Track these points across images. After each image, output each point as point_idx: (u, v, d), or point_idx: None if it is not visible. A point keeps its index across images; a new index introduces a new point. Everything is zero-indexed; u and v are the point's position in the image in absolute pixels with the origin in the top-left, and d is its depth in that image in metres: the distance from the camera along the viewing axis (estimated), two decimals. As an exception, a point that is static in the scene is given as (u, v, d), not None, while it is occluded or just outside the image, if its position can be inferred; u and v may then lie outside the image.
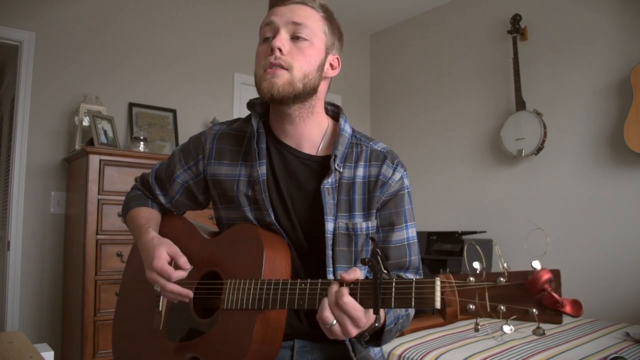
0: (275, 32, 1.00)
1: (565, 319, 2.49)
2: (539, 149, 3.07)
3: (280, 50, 0.98)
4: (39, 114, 2.84)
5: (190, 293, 1.02)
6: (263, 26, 1.04)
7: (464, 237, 3.20)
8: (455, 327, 2.37)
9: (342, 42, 1.11)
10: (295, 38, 1.00)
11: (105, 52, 3.06)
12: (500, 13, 3.40)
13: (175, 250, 1.03)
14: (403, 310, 1.01)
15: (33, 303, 2.76)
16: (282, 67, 0.98)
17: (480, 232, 3.27)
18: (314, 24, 1.02)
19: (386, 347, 1.95)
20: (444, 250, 3.19)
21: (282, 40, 0.99)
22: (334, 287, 0.83)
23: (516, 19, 3.22)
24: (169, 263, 1.02)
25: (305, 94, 1.02)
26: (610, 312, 2.68)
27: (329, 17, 1.06)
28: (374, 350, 1.12)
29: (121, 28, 3.14)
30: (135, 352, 1.16)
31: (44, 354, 1.23)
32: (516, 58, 3.19)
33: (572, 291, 1.09)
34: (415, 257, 1.10)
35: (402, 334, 2.14)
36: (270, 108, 1.11)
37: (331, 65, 1.07)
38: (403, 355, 1.97)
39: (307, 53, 1.00)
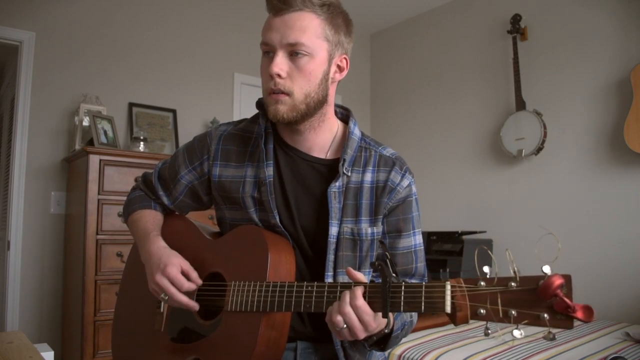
0: (273, 50, 0.97)
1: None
2: (539, 149, 3.07)
3: (279, 75, 0.96)
4: (39, 114, 2.83)
5: (197, 306, 1.01)
6: (262, 41, 0.99)
7: (464, 237, 3.20)
8: (455, 327, 2.36)
9: (350, 31, 1.04)
10: (294, 54, 0.96)
11: (105, 52, 3.06)
12: (500, 13, 3.40)
13: (189, 266, 1.03)
14: (408, 316, 1.01)
15: (33, 303, 2.76)
16: (283, 93, 0.97)
17: (480, 232, 3.27)
18: (311, 35, 0.96)
19: (386, 347, 1.95)
20: (444, 250, 3.19)
21: (279, 65, 0.96)
22: (347, 291, 0.83)
23: (516, 19, 3.22)
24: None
25: (312, 110, 1.01)
26: (610, 312, 2.68)
27: (331, 14, 0.99)
28: (377, 353, 1.11)
29: (121, 28, 3.14)
30: (136, 354, 1.15)
31: (44, 354, 1.23)
32: (516, 58, 3.19)
33: (572, 291, 1.09)
34: (421, 264, 1.10)
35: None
36: None
37: (338, 67, 1.04)
38: (403, 355, 1.97)
39: (307, 71, 0.97)
